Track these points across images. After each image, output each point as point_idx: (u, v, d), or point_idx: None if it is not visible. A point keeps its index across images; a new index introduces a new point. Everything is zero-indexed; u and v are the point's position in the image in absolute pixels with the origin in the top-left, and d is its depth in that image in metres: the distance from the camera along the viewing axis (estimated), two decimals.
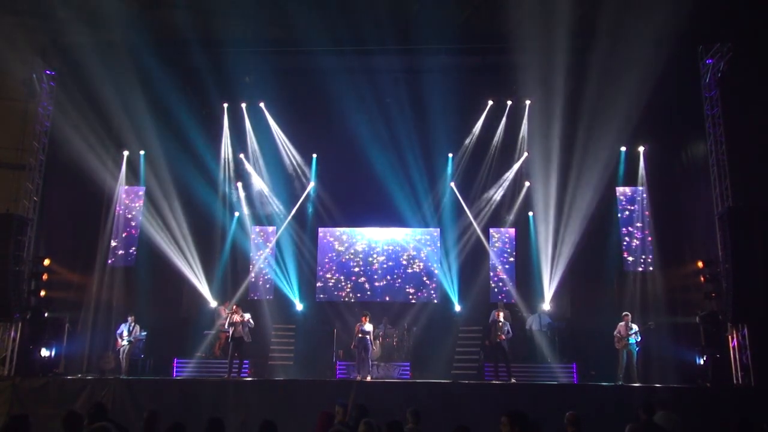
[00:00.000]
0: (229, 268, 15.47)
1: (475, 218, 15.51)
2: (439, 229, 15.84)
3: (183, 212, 14.95)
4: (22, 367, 12.02)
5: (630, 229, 14.81)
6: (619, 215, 14.84)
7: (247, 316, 12.54)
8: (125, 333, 12.98)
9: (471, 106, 15.14)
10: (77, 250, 14.34)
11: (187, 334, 14.42)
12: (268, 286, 15.69)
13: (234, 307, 12.69)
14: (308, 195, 16.04)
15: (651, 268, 14.31)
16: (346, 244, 16.08)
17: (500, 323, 12.45)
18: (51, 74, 13.71)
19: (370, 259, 15.92)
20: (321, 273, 15.87)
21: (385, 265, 15.87)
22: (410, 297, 15.67)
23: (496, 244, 15.68)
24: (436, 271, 15.65)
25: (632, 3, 11.98)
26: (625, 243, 14.70)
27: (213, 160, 15.54)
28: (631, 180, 14.95)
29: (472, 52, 13.96)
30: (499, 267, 15.46)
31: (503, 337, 12.31)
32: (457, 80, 13.98)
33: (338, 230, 16.11)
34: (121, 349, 12.93)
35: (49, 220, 13.65)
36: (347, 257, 15.97)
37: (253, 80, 14.77)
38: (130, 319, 13.13)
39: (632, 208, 14.94)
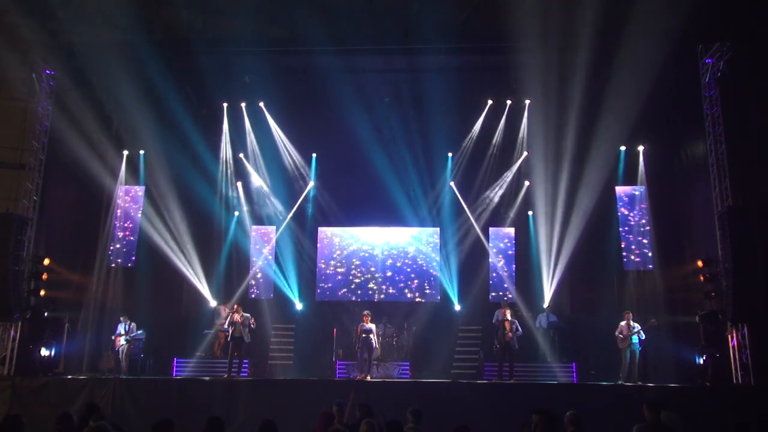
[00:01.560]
0: (229, 267, 15.48)
1: (474, 217, 15.51)
2: (438, 229, 15.84)
3: (182, 212, 14.97)
4: (22, 366, 12.03)
5: (630, 228, 14.81)
6: (618, 214, 14.83)
7: (248, 316, 12.53)
8: (122, 332, 12.91)
9: (471, 105, 15.12)
10: (77, 250, 14.35)
11: (187, 333, 14.43)
12: (267, 285, 15.69)
13: (235, 306, 12.68)
14: (308, 195, 16.04)
15: (651, 268, 14.31)
16: (345, 244, 16.07)
17: (508, 321, 12.32)
18: (51, 74, 13.69)
19: (370, 258, 15.92)
20: (320, 272, 15.87)
21: (384, 265, 15.87)
22: (410, 296, 15.67)
23: (496, 243, 15.68)
24: (435, 271, 15.66)
25: (632, 2, 11.97)
26: (624, 242, 14.70)
27: (213, 159, 15.55)
28: (630, 179, 14.95)
29: (471, 51, 13.92)
30: (499, 266, 15.46)
31: (510, 335, 12.25)
32: (456, 80, 13.95)
33: (338, 230, 16.11)
34: (120, 349, 12.88)
35: (49, 220, 13.64)
36: (347, 257, 15.96)
37: (252, 80, 14.73)
38: (123, 318, 13.05)
39: (632, 207, 14.94)
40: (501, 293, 15.16)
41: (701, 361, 11.89)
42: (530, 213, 15.34)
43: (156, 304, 14.32)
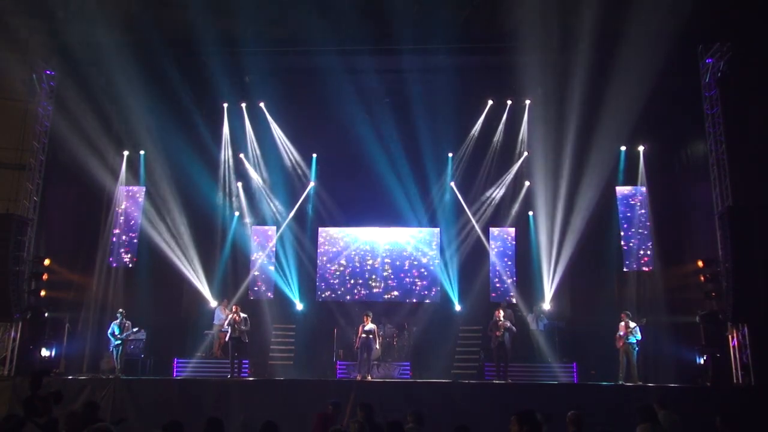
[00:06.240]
0: (229, 268, 15.46)
1: (475, 218, 15.51)
2: (439, 229, 15.83)
3: (183, 212, 14.96)
4: (22, 367, 12.02)
5: (630, 228, 14.80)
6: (618, 215, 14.83)
7: (245, 317, 12.52)
8: (116, 332, 12.46)
9: (471, 105, 15.13)
10: (77, 250, 14.32)
11: (187, 334, 14.43)
12: (267, 285, 15.69)
13: (234, 307, 12.68)
14: (308, 195, 16.03)
15: (651, 268, 14.31)
16: (345, 244, 16.06)
17: (499, 322, 12.43)
18: (51, 74, 13.69)
19: (370, 258, 15.92)
20: (321, 273, 15.87)
21: (385, 265, 15.86)
22: (410, 297, 15.67)
23: (497, 244, 15.68)
24: (436, 271, 15.64)
25: (632, 2, 11.96)
26: (624, 242, 14.69)
27: (213, 159, 15.54)
28: (631, 179, 14.95)
29: (471, 51, 13.92)
30: (499, 266, 15.46)
31: (498, 333, 12.28)
32: (456, 80, 13.93)
33: (338, 230, 16.11)
34: (114, 350, 12.48)
35: (49, 220, 13.65)
36: (347, 257, 15.96)
37: (252, 80, 14.76)
38: (119, 313, 12.65)
39: (632, 207, 14.94)
40: (501, 293, 15.17)
41: (701, 361, 11.89)
42: (530, 213, 15.33)
43: (156, 304, 14.28)
